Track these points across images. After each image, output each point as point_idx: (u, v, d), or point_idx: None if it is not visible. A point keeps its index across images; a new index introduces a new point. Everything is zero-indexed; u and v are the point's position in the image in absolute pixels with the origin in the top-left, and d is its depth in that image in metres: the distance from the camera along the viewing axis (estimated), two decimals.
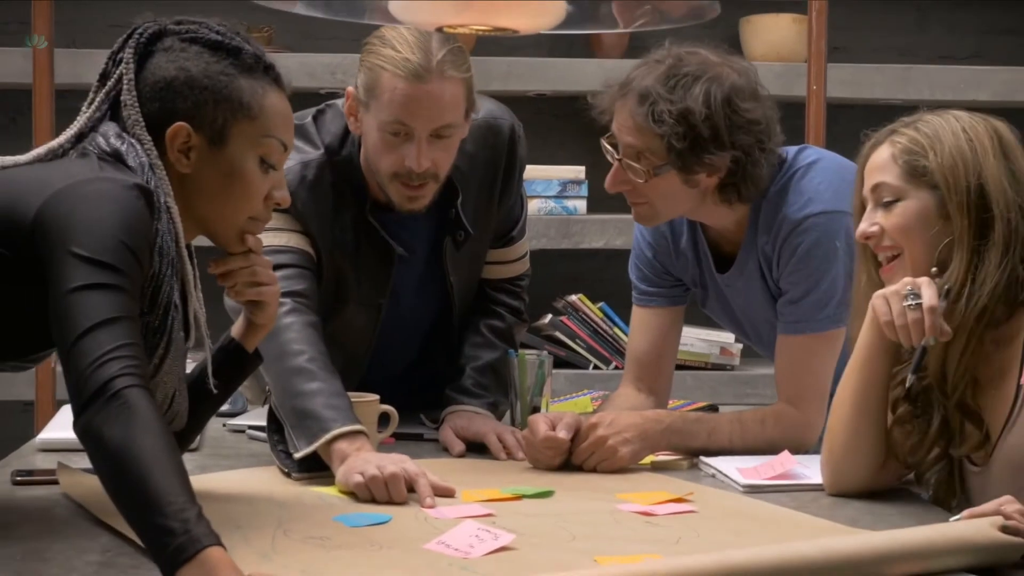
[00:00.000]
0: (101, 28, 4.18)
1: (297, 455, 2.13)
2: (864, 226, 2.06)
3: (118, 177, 1.76)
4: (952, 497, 1.99)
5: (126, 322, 1.64)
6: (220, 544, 1.46)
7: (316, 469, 2.13)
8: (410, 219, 2.47)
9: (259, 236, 1.97)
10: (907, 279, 1.97)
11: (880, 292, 2.00)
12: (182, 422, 1.92)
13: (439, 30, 1.66)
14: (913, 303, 1.94)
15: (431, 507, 1.94)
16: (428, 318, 2.63)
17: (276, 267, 2.11)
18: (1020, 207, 1.97)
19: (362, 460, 2.03)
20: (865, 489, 2.06)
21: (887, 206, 2.03)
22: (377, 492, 1.97)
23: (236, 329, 2.06)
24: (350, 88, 2.40)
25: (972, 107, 4.33)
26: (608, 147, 2.40)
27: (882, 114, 4.26)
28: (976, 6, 4.60)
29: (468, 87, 2.36)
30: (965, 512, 1.72)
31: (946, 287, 1.95)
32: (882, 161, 2.05)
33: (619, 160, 2.38)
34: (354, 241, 2.47)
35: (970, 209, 1.97)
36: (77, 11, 4.20)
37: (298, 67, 3.89)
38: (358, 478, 1.99)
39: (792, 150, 2.46)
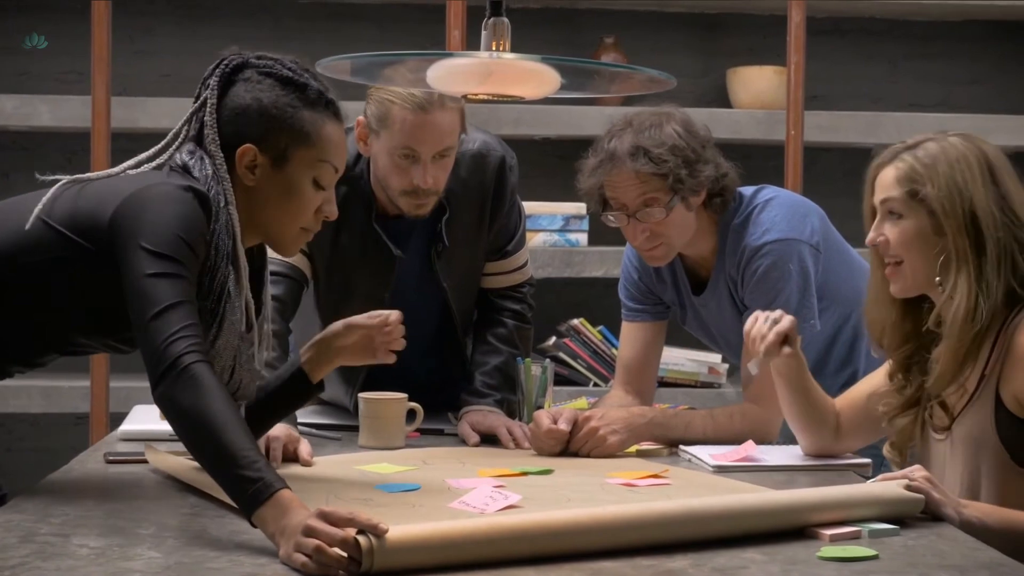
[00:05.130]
0: (152, 79, 4.57)
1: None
2: (872, 235, 2.36)
3: (177, 181, 2.09)
4: (910, 440, 2.37)
5: (187, 305, 1.98)
6: (288, 487, 1.80)
7: None
8: (408, 229, 2.89)
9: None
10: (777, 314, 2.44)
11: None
12: (248, 394, 2.24)
13: (464, 97, 2.09)
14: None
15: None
16: (432, 320, 3.02)
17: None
18: (1006, 225, 2.25)
19: None
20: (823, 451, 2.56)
21: (893, 219, 2.32)
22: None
23: (305, 357, 2.36)
24: (360, 118, 2.81)
25: None
26: (612, 217, 2.79)
27: (856, 157, 4.70)
28: (943, 59, 4.91)
29: (461, 114, 2.78)
30: (879, 477, 2.13)
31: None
32: (888, 181, 2.32)
33: (631, 217, 2.75)
34: (361, 244, 2.88)
35: (967, 232, 2.24)
36: (130, 62, 4.57)
37: None
38: None
39: (750, 189, 2.86)
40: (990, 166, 2.28)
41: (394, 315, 2.44)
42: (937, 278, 2.29)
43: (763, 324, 2.46)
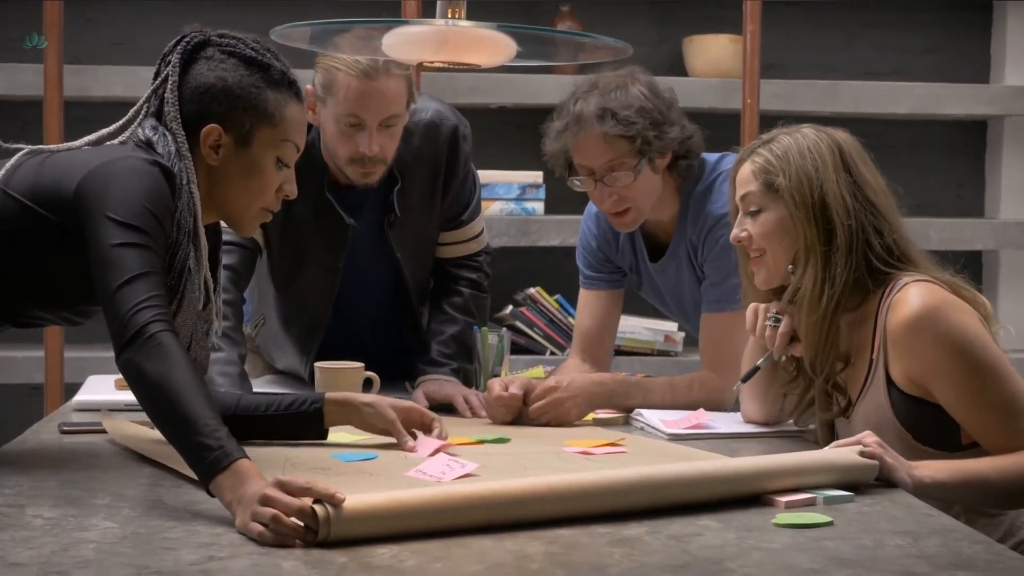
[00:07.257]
0: (105, 46, 4.52)
1: None
2: (736, 232, 2.41)
3: (143, 156, 2.09)
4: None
5: (154, 276, 1.97)
6: (247, 457, 1.80)
7: None
8: (360, 198, 2.89)
9: None
10: (776, 304, 2.39)
11: (754, 304, 2.42)
12: (202, 369, 2.24)
13: (420, 65, 2.08)
14: (772, 324, 2.38)
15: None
16: (386, 290, 3.02)
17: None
18: (859, 212, 2.30)
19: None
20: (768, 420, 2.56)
21: (753, 215, 2.38)
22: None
23: (330, 402, 2.31)
24: (308, 86, 2.79)
25: (892, 119, 4.80)
26: (578, 182, 2.78)
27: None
28: (898, 28, 4.93)
29: (408, 83, 2.77)
30: (833, 443, 2.14)
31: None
32: (746, 176, 2.39)
33: (598, 182, 2.75)
34: (314, 214, 2.88)
35: (816, 221, 2.31)
36: (83, 31, 4.51)
37: None
38: None
39: (714, 157, 2.86)
40: (842, 154, 2.34)
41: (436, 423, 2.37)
42: (790, 267, 2.34)
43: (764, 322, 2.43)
